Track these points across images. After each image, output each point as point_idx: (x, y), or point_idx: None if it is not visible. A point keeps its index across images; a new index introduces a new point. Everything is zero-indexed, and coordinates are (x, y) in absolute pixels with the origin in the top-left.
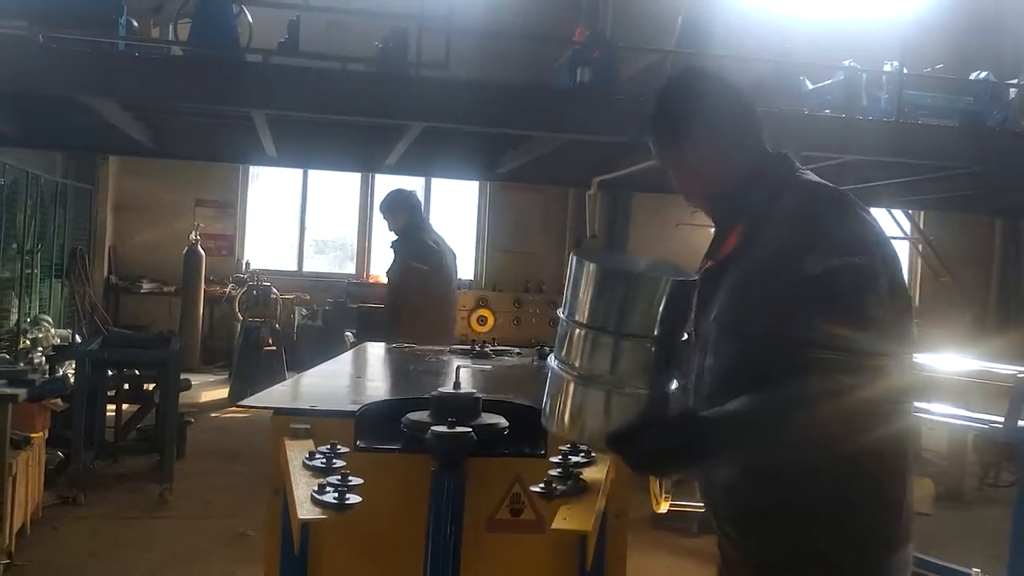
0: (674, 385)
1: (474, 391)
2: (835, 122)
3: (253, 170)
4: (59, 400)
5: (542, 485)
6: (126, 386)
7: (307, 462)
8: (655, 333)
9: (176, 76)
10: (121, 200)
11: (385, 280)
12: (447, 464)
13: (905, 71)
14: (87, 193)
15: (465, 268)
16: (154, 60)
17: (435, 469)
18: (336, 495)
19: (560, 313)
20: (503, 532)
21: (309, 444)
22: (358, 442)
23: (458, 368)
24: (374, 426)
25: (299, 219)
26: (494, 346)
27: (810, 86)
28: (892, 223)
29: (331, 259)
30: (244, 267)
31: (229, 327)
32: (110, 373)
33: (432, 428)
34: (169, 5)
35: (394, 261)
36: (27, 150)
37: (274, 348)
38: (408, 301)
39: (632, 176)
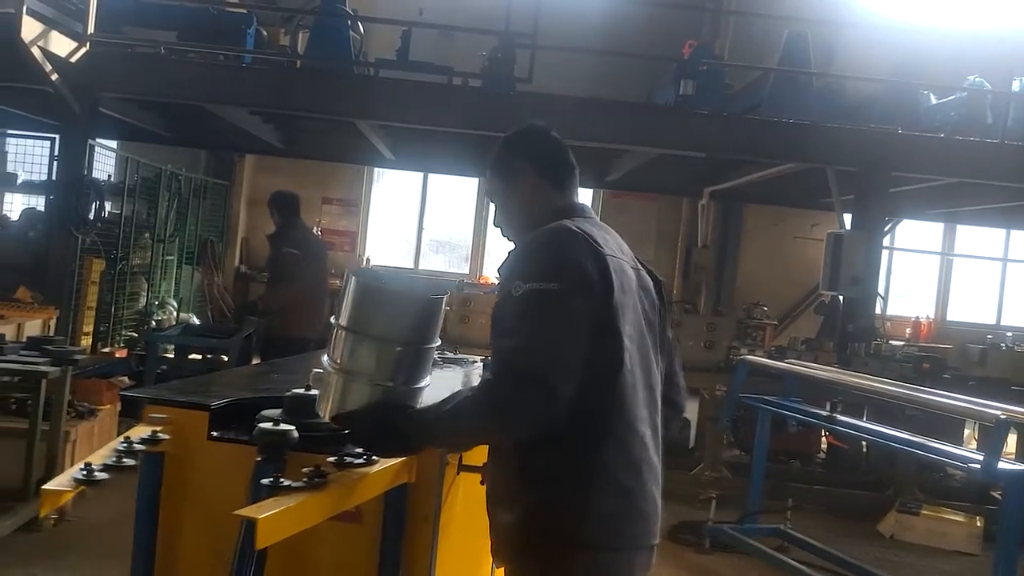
0: (424, 383)
1: None
2: (936, 143)
3: (377, 171)
4: (125, 378)
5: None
6: None
7: (119, 446)
8: (406, 337)
9: (293, 85)
10: (254, 195)
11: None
12: (268, 457)
13: None
14: (224, 188)
15: None
16: (273, 70)
17: (258, 460)
18: (87, 473)
19: (332, 320)
20: (327, 521)
21: (143, 430)
22: (212, 432)
23: (313, 372)
24: (230, 420)
25: (418, 219)
26: (456, 353)
27: (934, 100)
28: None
29: (446, 259)
30: (364, 263)
31: None
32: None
33: (258, 425)
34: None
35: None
36: (177, 148)
37: None
38: (281, 282)
39: (744, 187)
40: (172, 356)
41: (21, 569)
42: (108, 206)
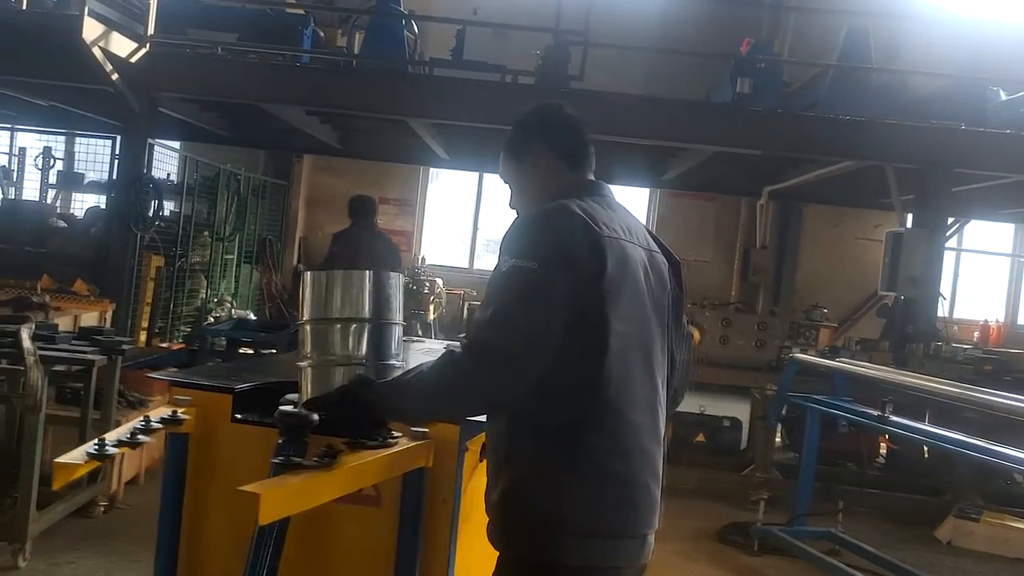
0: (394, 360)
1: None
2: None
3: (432, 171)
4: (174, 370)
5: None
6: None
7: (137, 424)
8: (360, 314)
9: (348, 85)
10: (312, 195)
11: None
12: (289, 438)
13: None
14: (282, 188)
15: None
16: (329, 70)
17: (278, 442)
18: (99, 449)
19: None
20: (345, 503)
21: (164, 411)
22: (235, 415)
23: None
24: (255, 404)
25: (473, 218)
26: None
27: (1003, 97)
28: None
29: None
30: (420, 262)
31: None
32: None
33: (280, 408)
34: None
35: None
36: (239, 149)
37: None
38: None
39: (803, 187)
40: (224, 350)
41: (71, 552)
42: (170, 204)
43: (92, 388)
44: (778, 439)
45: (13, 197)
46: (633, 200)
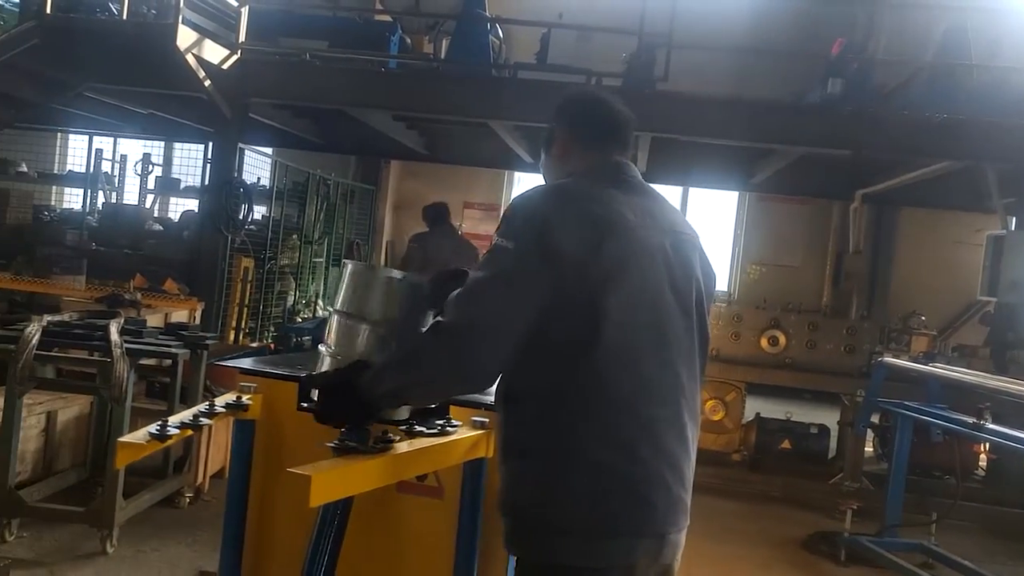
0: None
1: None
2: None
3: (516, 175)
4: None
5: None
6: None
7: (201, 408)
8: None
9: (433, 89)
10: (399, 199)
11: None
12: (352, 427)
13: None
14: (370, 193)
15: (718, 281)
16: (414, 75)
17: (344, 430)
18: (160, 430)
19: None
20: (409, 493)
21: (229, 396)
22: (300, 403)
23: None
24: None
25: None
26: None
27: None
28: None
29: None
30: None
31: None
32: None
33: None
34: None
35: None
36: (330, 155)
37: None
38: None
39: (898, 190)
40: (309, 349)
41: (157, 540)
42: (261, 208)
43: (178, 382)
44: (869, 448)
45: (115, 202)
46: (721, 203)
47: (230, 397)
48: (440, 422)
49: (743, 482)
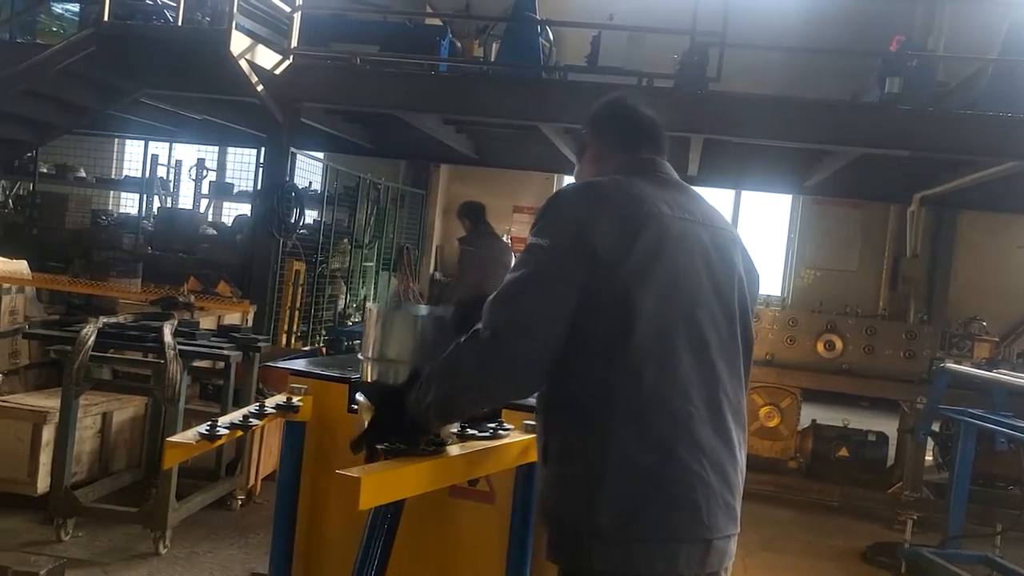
0: None
1: None
2: None
3: (566, 178)
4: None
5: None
6: None
7: (252, 409)
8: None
9: (482, 92)
10: (449, 204)
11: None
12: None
13: None
14: (420, 197)
15: (772, 285)
16: (464, 78)
17: None
18: (210, 430)
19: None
20: (460, 498)
21: (279, 398)
22: (351, 406)
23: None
24: None
25: None
26: None
27: None
28: None
29: None
30: None
31: None
32: None
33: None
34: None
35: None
36: (380, 159)
37: None
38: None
39: (958, 192)
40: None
41: (209, 542)
42: (312, 213)
43: (231, 384)
44: (928, 457)
45: (170, 206)
46: (774, 206)
47: (281, 398)
48: (492, 425)
49: (799, 490)
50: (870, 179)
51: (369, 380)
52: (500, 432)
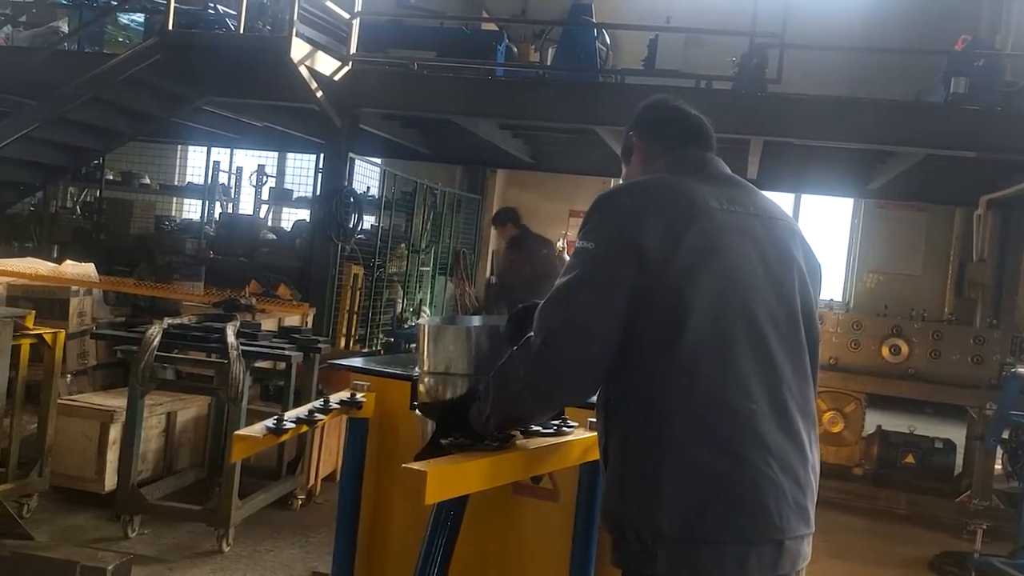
0: None
1: None
2: None
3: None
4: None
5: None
6: None
7: (317, 404)
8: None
9: (538, 96)
10: None
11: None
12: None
13: None
14: (476, 202)
15: (834, 289)
16: (520, 83)
17: None
18: (276, 424)
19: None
20: (524, 495)
21: (343, 394)
22: (413, 402)
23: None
24: None
25: None
26: None
27: None
28: None
29: None
30: None
31: None
32: None
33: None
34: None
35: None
36: (438, 165)
37: None
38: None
39: None
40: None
41: (271, 541)
42: (370, 218)
43: (291, 384)
44: (997, 465)
45: (231, 212)
46: (835, 210)
47: (344, 394)
48: (556, 422)
49: (866, 497)
50: (935, 182)
51: (427, 399)
52: (564, 429)
